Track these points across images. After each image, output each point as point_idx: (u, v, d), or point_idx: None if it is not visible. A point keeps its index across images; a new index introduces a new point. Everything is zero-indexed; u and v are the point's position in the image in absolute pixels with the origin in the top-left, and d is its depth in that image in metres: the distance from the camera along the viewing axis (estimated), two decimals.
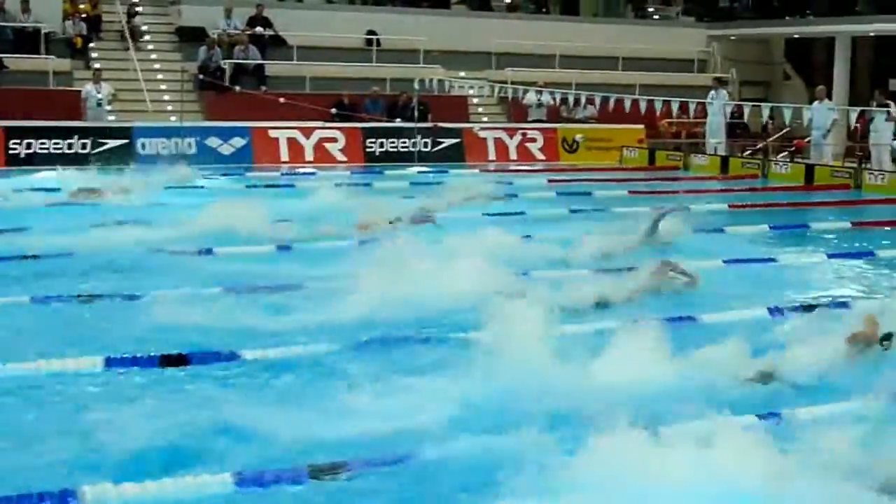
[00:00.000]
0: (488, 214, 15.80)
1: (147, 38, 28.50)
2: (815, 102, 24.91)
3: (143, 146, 23.11)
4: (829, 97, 27.06)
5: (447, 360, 8.01)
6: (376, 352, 8.35)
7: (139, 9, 28.77)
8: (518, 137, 26.59)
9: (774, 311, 9.74)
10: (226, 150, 23.99)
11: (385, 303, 9.49)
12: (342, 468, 5.98)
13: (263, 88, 26.85)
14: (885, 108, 23.02)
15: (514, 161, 26.04)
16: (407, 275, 10.03)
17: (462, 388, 7.33)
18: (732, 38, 34.24)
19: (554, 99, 27.10)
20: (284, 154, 24.53)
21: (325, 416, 6.91)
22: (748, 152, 27.36)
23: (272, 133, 24.53)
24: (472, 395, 7.21)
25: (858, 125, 25.17)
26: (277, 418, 6.77)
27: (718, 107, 26.03)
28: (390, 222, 13.93)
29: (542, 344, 7.84)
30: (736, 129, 30.06)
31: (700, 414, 6.44)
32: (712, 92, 26.56)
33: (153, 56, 28.13)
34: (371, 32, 29.96)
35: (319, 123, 25.27)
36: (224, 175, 21.26)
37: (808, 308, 9.83)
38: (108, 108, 24.86)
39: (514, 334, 7.98)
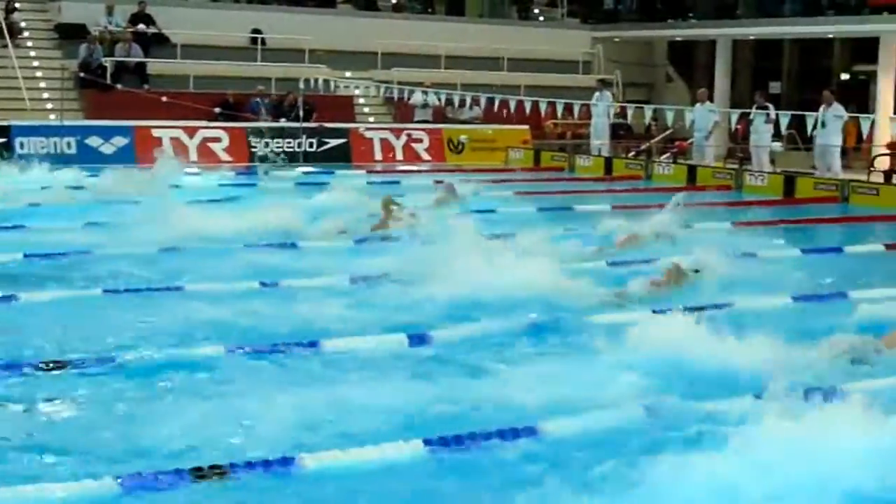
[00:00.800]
0: None
1: (26, 34, 27.89)
2: (697, 104, 25.31)
3: (22, 145, 22.60)
4: (711, 99, 27.52)
5: None
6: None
7: (17, 5, 28.12)
8: (404, 138, 26.54)
9: None
10: (107, 149, 23.54)
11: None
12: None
13: (146, 87, 26.47)
14: (765, 111, 23.46)
15: (400, 161, 25.97)
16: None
17: None
18: (616, 40, 34.64)
19: (439, 99, 27.14)
20: (168, 152, 24.13)
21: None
22: (632, 153, 27.67)
23: (155, 132, 24.10)
24: None
25: (739, 127, 25.68)
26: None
27: (602, 108, 26.31)
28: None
29: None
30: (620, 130, 30.40)
31: None
32: (597, 94, 26.84)
33: (32, 53, 27.52)
34: (256, 31, 29.69)
35: (203, 123, 24.96)
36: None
37: None
38: None
39: None
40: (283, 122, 25.82)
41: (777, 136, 24.12)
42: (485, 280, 10.19)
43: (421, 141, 26.70)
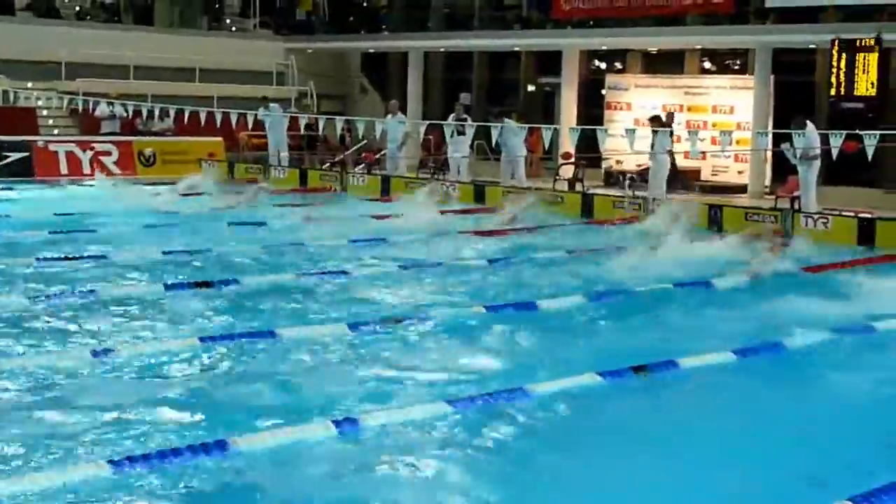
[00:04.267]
0: None
1: None
2: (388, 116, 25.55)
3: None
4: (403, 111, 27.87)
5: None
6: None
7: None
8: (91, 151, 25.69)
9: None
10: None
11: None
12: None
13: None
14: (463, 122, 23.68)
15: (88, 175, 25.12)
16: None
17: None
18: (310, 51, 34.65)
19: (127, 111, 26.44)
20: None
21: None
22: (326, 165, 27.71)
23: None
24: None
25: (431, 137, 26.11)
26: None
27: (278, 121, 26.24)
28: None
29: None
30: (315, 141, 30.42)
31: None
32: (261, 109, 26.31)
33: None
34: None
35: None
36: None
37: None
38: None
39: None
40: None
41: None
42: None
43: (110, 154, 25.91)
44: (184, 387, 7.88)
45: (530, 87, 32.45)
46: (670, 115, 25.86)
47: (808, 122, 19.26)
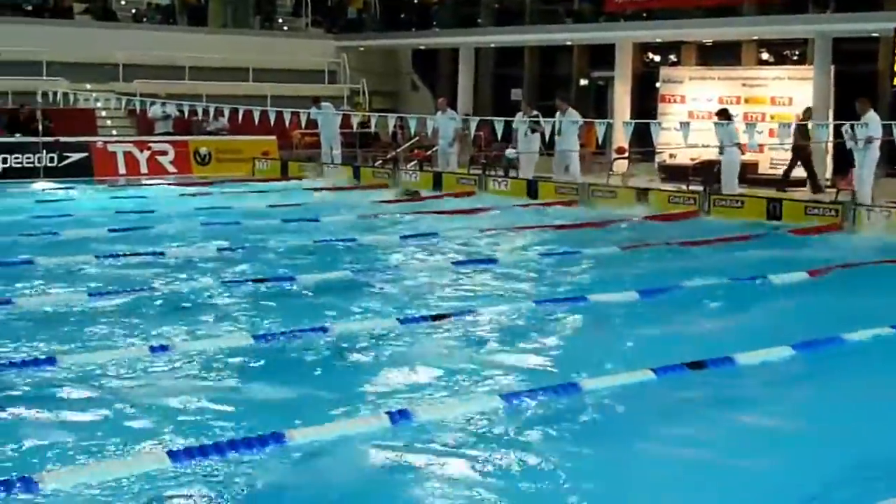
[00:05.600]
0: None
1: None
2: (438, 113, 25.59)
3: None
4: (453, 107, 27.90)
5: None
6: None
7: None
8: (148, 151, 26.00)
9: None
10: None
11: None
12: None
13: None
14: (535, 118, 23.51)
15: (145, 175, 25.44)
16: None
17: None
18: (361, 49, 34.81)
19: (182, 111, 26.73)
20: None
21: None
22: (379, 162, 27.84)
23: None
24: None
25: (482, 134, 26.13)
26: None
27: (327, 119, 26.35)
28: None
29: None
30: (368, 138, 30.56)
31: None
32: (313, 108, 26.48)
33: None
34: None
35: None
36: None
37: None
38: None
39: None
40: (19, 137, 24.89)
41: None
42: None
43: (166, 153, 26.21)
44: (240, 380, 8.01)
45: (583, 82, 32.39)
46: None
47: (871, 108, 19.05)
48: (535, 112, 23.59)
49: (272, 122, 24.95)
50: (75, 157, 24.82)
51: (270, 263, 13.30)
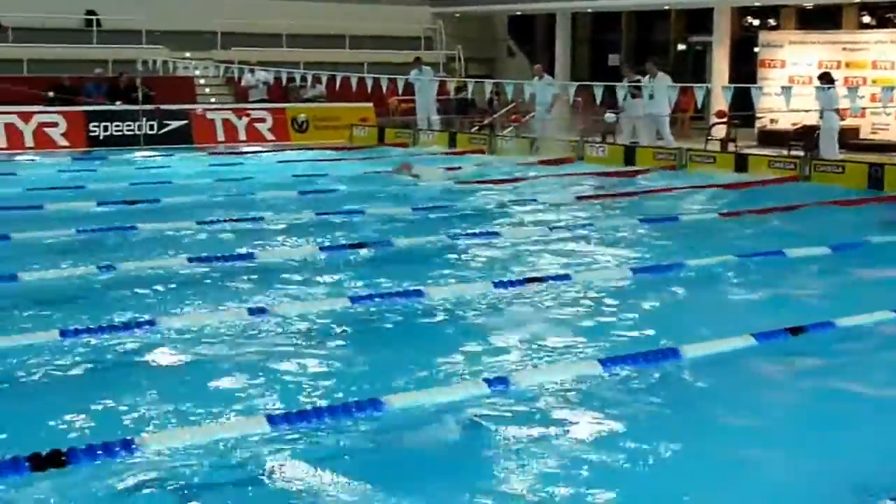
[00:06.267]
0: None
1: None
2: (535, 79, 25.45)
3: None
4: (551, 73, 27.73)
5: None
6: None
7: None
8: (246, 118, 26.23)
9: None
10: None
11: None
12: None
13: None
14: (637, 83, 23.28)
15: (243, 142, 25.68)
16: None
17: None
18: (457, 15, 34.72)
19: (280, 78, 26.91)
20: (2, 140, 23.49)
21: None
22: (475, 128, 27.79)
23: None
24: None
25: (580, 99, 25.92)
26: None
27: (425, 85, 26.33)
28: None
29: None
30: (464, 105, 30.52)
31: None
32: (413, 71, 26.52)
33: None
34: (90, 12, 29.02)
35: (39, 108, 24.29)
36: None
37: None
38: None
39: None
40: (120, 105, 25.26)
41: (615, 108, 24.28)
42: None
43: (264, 120, 26.42)
44: (337, 345, 8.05)
45: (680, 47, 31.99)
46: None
47: None
48: (636, 77, 23.35)
49: (369, 89, 25.01)
50: (175, 124, 25.13)
51: (367, 229, 13.33)
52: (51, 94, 25.02)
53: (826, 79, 21.16)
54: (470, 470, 5.74)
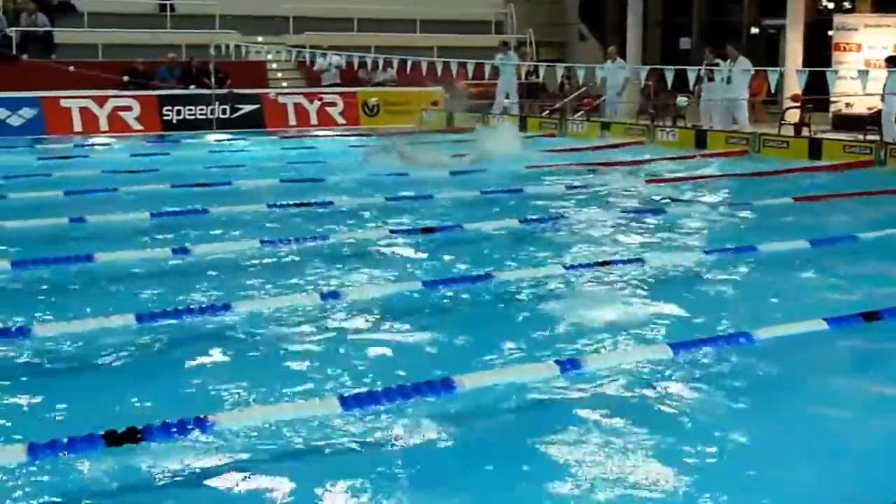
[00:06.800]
0: None
1: None
2: (607, 62, 25.35)
3: None
4: (623, 56, 27.59)
5: None
6: None
7: None
8: (318, 102, 26.39)
9: None
10: (14, 121, 23.21)
11: None
12: None
13: (53, 57, 26.00)
14: (714, 66, 23.08)
15: (314, 126, 25.87)
16: None
17: None
18: None
19: (351, 62, 27.01)
20: (77, 124, 23.84)
21: None
22: (546, 112, 27.72)
23: (64, 102, 23.83)
24: None
25: (651, 83, 25.77)
26: None
27: (510, 69, 26.33)
28: None
29: None
30: (534, 89, 30.44)
31: None
32: (499, 55, 26.57)
33: None
34: None
35: (114, 92, 24.61)
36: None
37: None
38: None
39: None
40: (193, 90, 25.51)
41: (686, 91, 24.09)
42: None
43: (335, 104, 26.60)
44: (409, 327, 8.09)
45: (753, 30, 31.64)
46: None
47: None
48: (716, 60, 23.17)
49: (439, 73, 25.04)
50: (247, 108, 25.37)
51: (438, 213, 13.37)
52: (125, 78, 25.32)
53: (893, 62, 20.88)
54: (538, 451, 5.75)
